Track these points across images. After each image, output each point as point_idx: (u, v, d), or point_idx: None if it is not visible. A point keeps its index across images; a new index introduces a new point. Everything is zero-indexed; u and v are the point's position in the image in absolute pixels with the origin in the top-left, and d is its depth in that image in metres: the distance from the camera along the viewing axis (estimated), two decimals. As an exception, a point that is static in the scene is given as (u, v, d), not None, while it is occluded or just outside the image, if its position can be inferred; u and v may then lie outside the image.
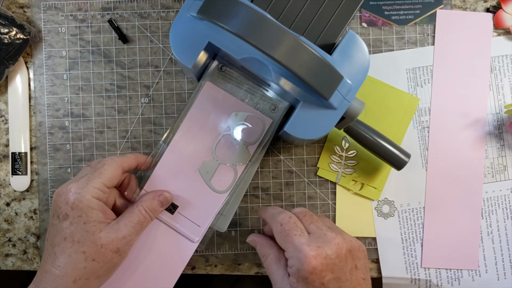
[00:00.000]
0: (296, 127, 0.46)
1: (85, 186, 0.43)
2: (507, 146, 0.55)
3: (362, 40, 0.46)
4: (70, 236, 0.42)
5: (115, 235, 0.43)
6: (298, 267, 0.40)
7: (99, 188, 0.43)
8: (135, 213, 0.45)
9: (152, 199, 0.46)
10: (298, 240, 0.41)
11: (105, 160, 0.45)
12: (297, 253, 0.41)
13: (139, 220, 0.44)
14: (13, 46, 0.53)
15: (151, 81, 0.55)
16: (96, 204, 0.43)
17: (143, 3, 0.55)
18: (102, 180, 0.43)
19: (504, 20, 0.55)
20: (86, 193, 0.42)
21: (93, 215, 0.42)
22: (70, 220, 0.42)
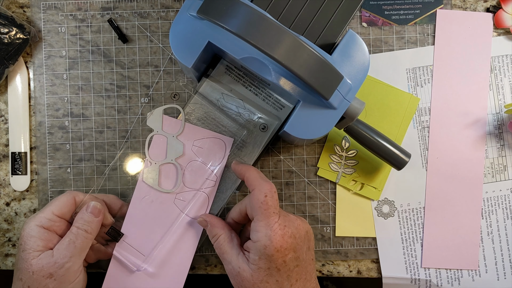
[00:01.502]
0: (296, 127, 0.46)
1: (35, 215, 0.45)
2: (507, 146, 0.55)
3: (362, 40, 0.46)
4: (16, 263, 0.45)
5: (46, 260, 0.43)
6: (265, 243, 0.41)
7: (45, 216, 0.45)
8: (67, 235, 0.46)
9: (81, 212, 0.47)
10: (273, 219, 0.42)
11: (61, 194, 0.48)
12: (268, 230, 0.42)
13: (70, 240, 0.45)
14: (13, 46, 0.53)
15: (151, 81, 0.55)
16: (36, 231, 0.44)
17: (143, 3, 0.55)
18: (51, 208, 0.46)
19: (504, 20, 0.55)
20: (31, 222, 0.45)
21: (30, 242, 0.44)
22: (17, 248, 0.45)
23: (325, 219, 0.55)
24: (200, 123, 0.52)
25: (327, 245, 0.55)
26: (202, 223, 0.48)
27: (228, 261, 0.44)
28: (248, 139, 0.52)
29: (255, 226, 0.43)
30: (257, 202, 0.43)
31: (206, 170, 0.50)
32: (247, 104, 0.52)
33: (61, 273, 0.44)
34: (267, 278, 0.42)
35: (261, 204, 0.43)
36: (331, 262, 0.56)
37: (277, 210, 0.43)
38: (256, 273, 0.42)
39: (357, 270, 0.56)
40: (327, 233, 0.55)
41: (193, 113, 0.52)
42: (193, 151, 0.50)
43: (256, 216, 0.43)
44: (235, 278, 0.44)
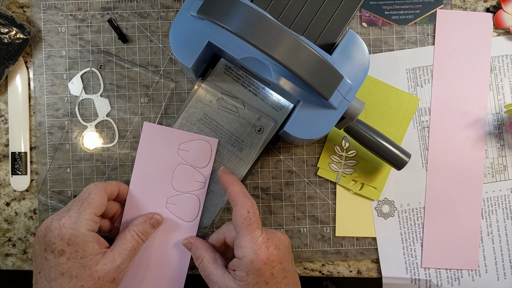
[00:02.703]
0: (296, 127, 0.46)
1: (78, 220, 0.43)
2: (507, 146, 0.55)
3: (362, 40, 0.46)
4: (68, 271, 0.42)
5: (110, 265, 0.43)
6: (252, 257, 0.42)
7: (91, 219, 0.44)
8: (128, 239, 0.46)
9: (143, 223, 0.47)
10: (257, 233, 0.43)
11: (90, 188, 0.46)
12: (253, 244, 0.42)
13: (133, 246, 0.45)
14: (13, 46, 0.53)
15: (150, 81, 0.55)
16: (91, 237, 0.43)
17: (143, 3, 0.55)
18: (92, 210, 0.44)
19: (504, 20, 0.55)
20: (81, 227, 0.43)
21: (89, 248, 0.43)
22: (67, 256, 0.42)
23: (325, 219, 0.55)
24: (200, 124, 0.52)
25: (327, 245, 0.55)
26: (187, 245, 0.49)
27: (214, 281, 0.44)
28: (246, 139, 0.52)
29: (240, 242, 0.43)
30: (240, 218, 0.43)
31: (194, 172, 0.50)
32: (246, 104, 0.52)
33: (121, 277, 0.45)
34: None
35: (244, 220, 0.43)
36: (331, 262, 0.56)
37: (260, 225, 0.44)
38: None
39: (357, 270, 0.56)
40: (327, 233, 0.55)
41: (193, 114, 0.52)
42: (179, 155, 0.50)
43: (239, 232, 0.43)
44: None
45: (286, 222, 0.55)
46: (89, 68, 0.55)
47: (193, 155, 0.50)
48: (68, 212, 0.44)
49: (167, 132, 0.50)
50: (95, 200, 0.45)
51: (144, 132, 0.49)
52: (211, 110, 0.51)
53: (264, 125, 0.51)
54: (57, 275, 0.42)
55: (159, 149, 0.50)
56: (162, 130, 0.50)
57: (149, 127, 0.50)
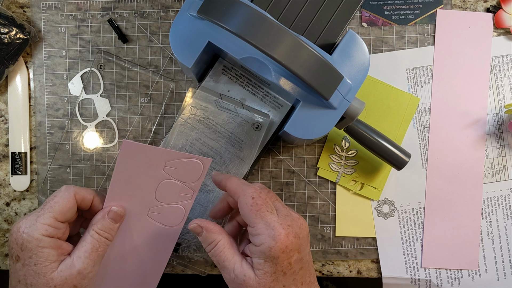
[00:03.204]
0: (296, 127, 0.46)
1: (34, 224, 0.39)
2: (507, 146, 0.55)
3: (362, 40, 0.46)
4: (23, 278, 0.39)
5: (68, 272, 0.40)
6: (270, 245, 0.38)
7: (49, 224, 0.40)
8: (88, 240, 0.41)
9: (102, 219, 0.43)
10: (270, 218, 0.40)
11: (59, 190, 0.42)
12: (270, 230, 0.39)
13: (93, 247, 0.41)
14: (13, 46, 0.53)
15: (150, 81, 0.55)
16: (46, 242, 0.39)
17: (143, 3, 0.55)
18: (52, 215, 0.40)
19: (504, 20, 0.55)
20: (34, 232, 0.39)
21: (43, 255, 0.39)
22: (21, 262, 0.39)
23: (325, 219, 0.55)
24: (200, 125, 0.52)
25: (327, 245, 0.55)
26: (196, 229, 0.43)
27: (230, 269, 0.40)
28: (246, 139, 0.52)
29: (255, 230, 0.40)
30: (246, 207, 0.40)
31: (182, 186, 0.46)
32: (245, 104, 0.52)
33: (84, 284, 0.40)
34: (273, 284, 0.39)
35: (251, 207, 0.40)
36: (331, 262, 0.56)
37: (272, 208, 0.41)
38: (263, 279, 0.39)
39: (357, 270, 0.56)
40: (327, 233, 0.55)
41: (193, 116, 0.52)
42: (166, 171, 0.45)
43: (250, 220, 0.40)
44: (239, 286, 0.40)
45: (286, 222, 0.55)
46: (89, 68, 0.55)
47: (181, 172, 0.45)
48: (28, 215, 0.41)
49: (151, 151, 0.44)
50: (58, 204, 0.41)
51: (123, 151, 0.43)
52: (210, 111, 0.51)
53: (261, 121, 0.51)
54: (16, 282, 0.40)
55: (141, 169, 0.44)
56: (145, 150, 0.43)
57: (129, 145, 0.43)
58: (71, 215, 0.42)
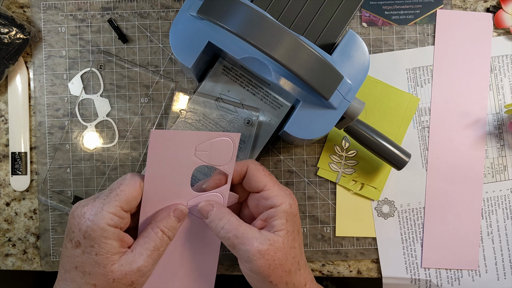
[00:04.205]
0: (296, 127, 0.46)
1: (100, 212, 0.38)
2: (507, 146, 0.55)
3: (362, 40, 0.46)
4: (81, 266, 0.38)
5: (129, 267, 0.39)
6: (290, 202, 0.42)
7: (115, 213, 0.38)
8: (151, 237, 0.40)
9: (167, 217, 0.42)
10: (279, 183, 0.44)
11: (124, 178, 0.41)
12: (285, 190, 0.43)
13: (155, 246, 0.40)
14: (13, 46, 0.53)
15: (150, 81, 0.55)
16: (111, 233, 0.38)
17: (143, 3, 0.55)
18: (118, 204, 0.39)
19: (504, 20, 0.55)
20: (100, 221, 0.38)
21: (106, 246, 0.38)
22: (82, 248, 0.38)
23: (325, 219, 0.55)
24: (200, 125, 0.52)
25: (327, 245, 0.55)
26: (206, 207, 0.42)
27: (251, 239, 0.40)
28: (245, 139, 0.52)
29: (271, 192, 0.42)
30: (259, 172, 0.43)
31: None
32: (244, 104, 0.52)
33: (141, 281, 0.40)
34: (293, 242, 0.41)
35: (264, 172, 0.43)
36: (331, 262, 0.56)
37: None
38: (286, 238, 0.40)
39: (357, 270, 0.56)
40: (327, 233, 0.55)
41: (192, 116, 0.52)
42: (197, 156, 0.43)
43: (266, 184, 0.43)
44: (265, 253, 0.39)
45: (286, 222, 0.55)
46: (89, 68, 0.55)
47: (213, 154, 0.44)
48: (94, 201, 0.39)
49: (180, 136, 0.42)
50: (124, 192, 0.39)
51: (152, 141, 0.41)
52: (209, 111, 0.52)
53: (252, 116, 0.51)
54: (71, 267, 0.39)
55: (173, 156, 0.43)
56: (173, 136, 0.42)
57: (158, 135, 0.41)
58: (135, 204, 0.41)
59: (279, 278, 0.41)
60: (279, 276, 0.41)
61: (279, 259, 0.40)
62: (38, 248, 0.55)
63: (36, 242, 0.55)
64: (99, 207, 0.38)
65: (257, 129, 0.52)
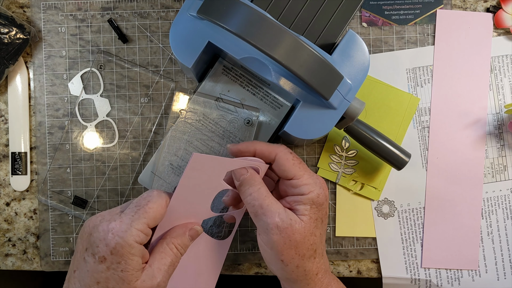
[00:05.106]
0: (296, 127, 0.46)
1: (129, 229, 0.38)
2: (507, 146, 0.55)
3: (362, 40, 0.46)
4: (105, 281, 0.38)
5: (150, 283, 0.39)
6: (318, 192, 0.42)
7: (142, 231, 0.39)
8: (168, 253, 0.41)
9: (183, 235, 0.43)
10: (309, 170, 0.44)
11: (150, 196, 0.41)
12: (315, 179, 0.43)
13: (172, 261, 0.41)
14: (13, 46, 0.53)
15: (150, 81, 0.55)
16: (137, 250, 0.39)
17: (143, 3, 0.55)
18: (146, 221, 0.39)
19: (504, 20, 0.55)
20: (129, 238, 0.38)
21: (132, 262, 0.38)
22: (107, 264, 0.38)
23: (325, 219, 0.55)
24: (200, 125, 0.52)
25: (327, 245, 0.55)
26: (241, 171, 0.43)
27: (274, 212, 0.41)
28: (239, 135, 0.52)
29: (301, 181, 0.42)
30: (288, 161, 0.43)
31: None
32: (245, 104, 0.52)
33: None
34: (314, 230, 0.42)
35: (293, 161, 0.43)
36: (331, 262, 0.56)
37: None
38: (308, 224, 0.41)
39: (357, 270, 0.56)
40: (327, 233, 0.55)
41: (192, 115, 0.52)
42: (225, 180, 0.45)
43: (296, 173, 0.43)
44: (284, 230, 0.41)
45: (286, 222, 0.55)
46: (89, 68, 0.55)
47: None
48: (120, 217, 0.39)
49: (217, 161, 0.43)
50: (152, 209, 0.40)
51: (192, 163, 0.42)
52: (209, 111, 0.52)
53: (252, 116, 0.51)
54: (92, 282, 0.38)
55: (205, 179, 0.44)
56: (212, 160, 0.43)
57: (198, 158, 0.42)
58: (160, 221, 0.41)
59: (290, 259, 0.41)
60: (291, 257, 0.41)
61: (296, 240, 0.41)
62: (38, 248, 0.55)
63: (36, 242, 0.55)
64: (128, 223, 0.39)
65: (257, 129, 0.52)
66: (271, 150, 0.44)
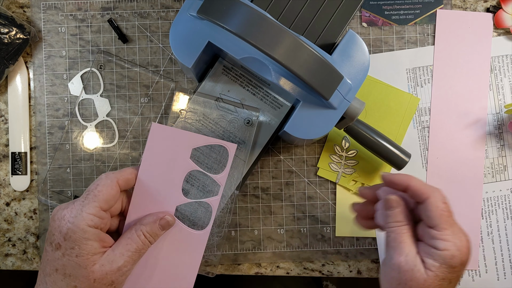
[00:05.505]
0: (296, 127, 0.46)
1: (79, 214, 0.39)
2: (507, 146, 0.55)
3: (362, 40, 0.46)
4: (62, 268, 0.39)
5: (109, 267, 0.39)
6: (454, 253, 0.39)
7: (94, 214, 0.40)
8: (134, 239, 0.41)
9: (153, 223, 0.43)
10: (457, 227, 0.40)
11: (99, 179, 0.42)
12: (456, 239, 0.39)
13: (137, 248, 0.41)
14: (13, 46, 0.53)
15: (150, 81, 0.55)
16: (91, 234, 0.39)
17: (143, 3, 0.55)
18: (97, 204, 0.40)
19: (504, 20, 0.55)
20: (80, 222, 0.39)
21: (87, 247, 0.39)
22: (62, 251, 0.39)
23: (325, 219, 0.55)
24: (199, 125, 0.52)
25: (327, 245, 0.55)
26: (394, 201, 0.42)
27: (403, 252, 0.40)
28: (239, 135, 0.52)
29: (441, 235, 0.39)
30: (437, 210, 0.40)
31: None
32: (245, 104, 0.52)
33: (121, 280, 0.41)
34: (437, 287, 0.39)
35: (442, 211, 0.40)
36: (331, 262, 0.56)
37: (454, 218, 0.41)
38: (431, 279, 0.39)
39: (357, 270, 0.56)
40: (327, 233, 0.55)
41: (192, 115, 0.52)
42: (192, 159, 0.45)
43: (439, 224, 0.40)
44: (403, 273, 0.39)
45: (286, 222, 0.55)
46: (89, 68, 0.55)
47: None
48: (72, 204, 0.40)
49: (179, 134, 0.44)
50: (102, 192, 0.40)
51: (152, 133, 0.43)
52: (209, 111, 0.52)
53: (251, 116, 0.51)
54: (51, 270, 0.39)
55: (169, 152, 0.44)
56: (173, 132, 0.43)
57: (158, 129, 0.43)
58: (114, 202, 0.42)
59: None
60: None
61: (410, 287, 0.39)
62: (38, 248, 0.55)
63: (36, 242, 0.55)
64: (79, 209, 0.39)
65: (257, 129, 0.52)
66: (425, 191, 0.41)
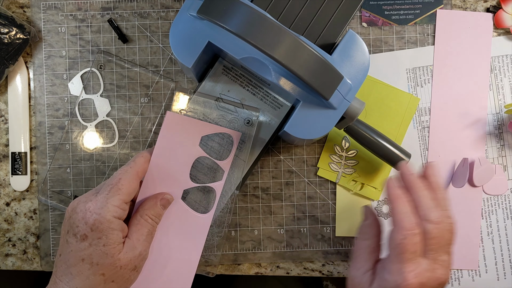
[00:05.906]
0: (296, 127, 0.46)
1: (105, 205, 0.41)
2: (507, 146, 0.55)
3: (362, 40, 0.46)
4: (88, 258, 0.40)
5: (132, 254, 0.42)
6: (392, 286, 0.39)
7: (118, 206, 0.41)
8: (143, 224, 0.44)
9: (154, 205, 0.45)
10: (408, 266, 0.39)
11: (120, 173, 0.43)
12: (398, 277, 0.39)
13: (149, 231, 0.44)
14: (13, 46, 0.53)
15: (150, 81, 0.55)
16: (116, 224, 0.41)
17: (143, 3, 0.55)
18: (121, 197, 0.42)
19: (504, 20, 0.55)
20: (107, 213, 0.41)
21: (113, 236, 0.41)
22: (89, 241, 0.40)
23: (325, 219, 0.55)
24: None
25: (327, 245, 0.55)
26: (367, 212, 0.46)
27: (356, 267, 0.44)
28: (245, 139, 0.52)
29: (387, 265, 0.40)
30: (391, 242, 0.40)
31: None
32: (245, 104, 0.52)
33: (142, 264, 0.44)
34: None
35: (396, 246, 0.39)
36: (331, 262, 0.56)
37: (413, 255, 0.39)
38: None
39: (357, 270, 0.56)
40: (327, 233, 0.55)
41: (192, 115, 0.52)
42: (201, 146, 0.49)
43: (390, 255, 0.40)
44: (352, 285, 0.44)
45: (286, 222, 0.55)
46: (89, 68, 0.55)
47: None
48: (95, 196, 0.42)
49: (190, 122, 0.48)
50: (125, 186, 0.42)
51: (167, 121, 0.47)
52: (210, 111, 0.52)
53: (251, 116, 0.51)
54: (77, 261, 0.41)
55: (181, 139, 0.48)
56: (185, 121, 0.48)
57: (172, 117, 0.47)
58: (134, 194, 0.44)
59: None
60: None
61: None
62: (38, 248, 0.55)
63: (36, 242, 0.55)
64: (104, 201, 0.41)
65: (257, 129, 0.52)
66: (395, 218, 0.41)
